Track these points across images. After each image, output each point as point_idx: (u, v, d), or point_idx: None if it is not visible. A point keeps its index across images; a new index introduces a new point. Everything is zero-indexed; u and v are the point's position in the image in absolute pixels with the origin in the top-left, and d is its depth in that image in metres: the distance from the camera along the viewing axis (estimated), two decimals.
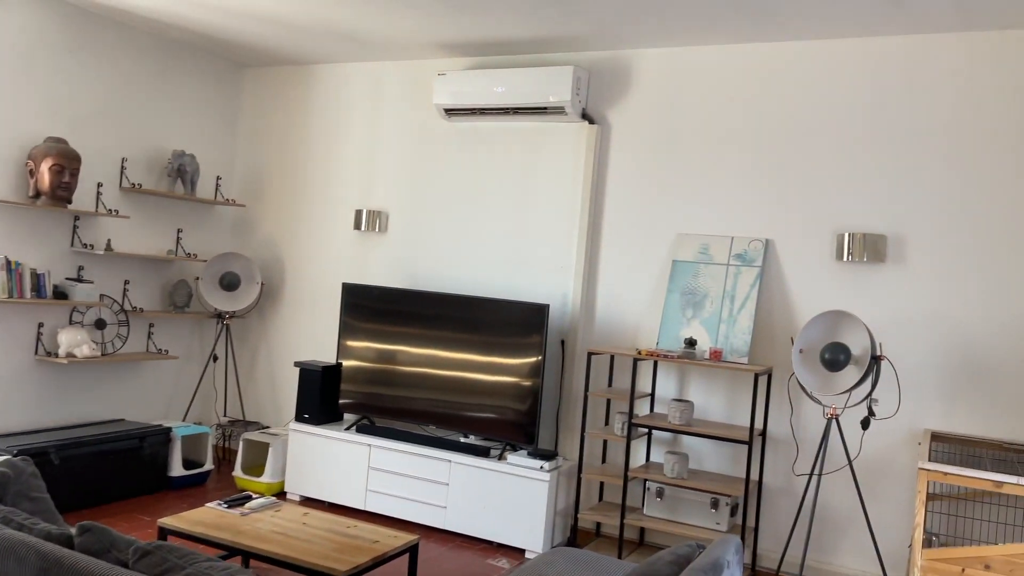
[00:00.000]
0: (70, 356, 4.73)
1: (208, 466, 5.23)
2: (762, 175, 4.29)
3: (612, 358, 4.59)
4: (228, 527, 3.39)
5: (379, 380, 4.94)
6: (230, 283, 5.53)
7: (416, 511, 4.62)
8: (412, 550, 3.45)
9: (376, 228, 5.32)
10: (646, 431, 4.43)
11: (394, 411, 4.88)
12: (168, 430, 5.02)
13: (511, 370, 4.54)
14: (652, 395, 4.48)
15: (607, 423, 4.60)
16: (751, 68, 4.34)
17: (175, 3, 4.57)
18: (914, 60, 3.97)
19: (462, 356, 4.69)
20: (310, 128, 5.69)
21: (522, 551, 4.39)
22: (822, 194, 4.15)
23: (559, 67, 4.55)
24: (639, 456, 4.50)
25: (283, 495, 5.06)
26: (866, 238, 3.99)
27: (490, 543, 4.48)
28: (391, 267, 5.32)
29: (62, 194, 4.57)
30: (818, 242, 4.16)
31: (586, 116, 4.70)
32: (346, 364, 5.05)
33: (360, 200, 5.46)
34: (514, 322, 4.53)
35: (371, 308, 4.98)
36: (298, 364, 5.09)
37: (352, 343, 5.03)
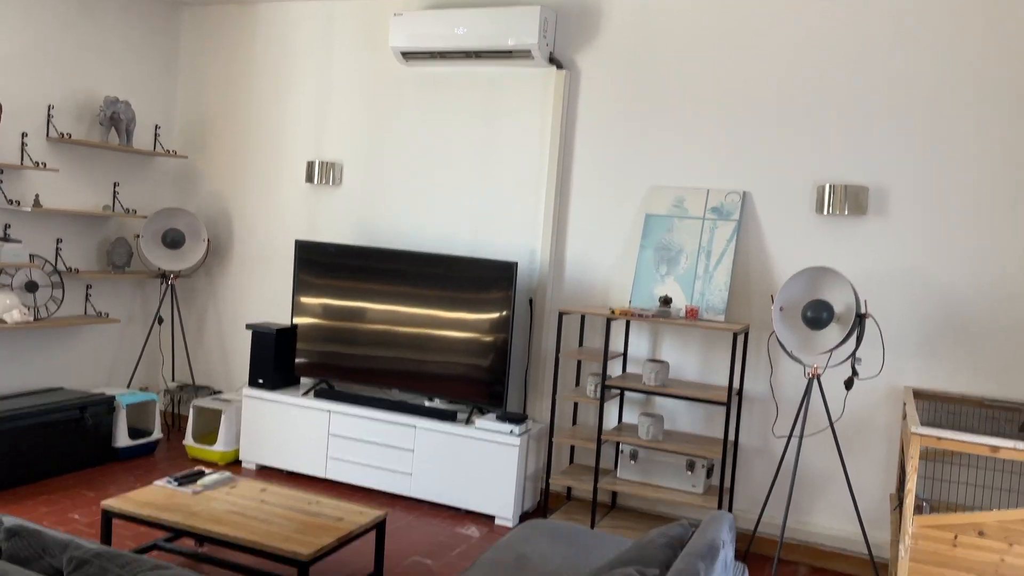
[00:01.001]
0: None
1: (156, 435, 4.95)
2: (739, 124, 4.09)
3: (583, 317, 4.40)
4: (179, 508, 3.14)
5: (337, 340, 4.68)
6: (174, 240, 5.17)
7: (380, 479, 4.43)
8: (379, 526, 3.25)
9: (330, 181, 5.00)
10: (618, 392, 4.28)
11: (354, 373, 4.64)
12: (111, 398, 4.71)
13: (477, 330, 4.32)
14: (624, 355, 4.31)
15: (578, 384, 4.44)
16: (728, 11, 4.09)
17: None
18: (898, 6, 3.77)
19: (426, 316, 4.45)
20: (256, 73, 5.29)
21: (492, 518, 4.24)
22: (802, 144, 3.97)
23: (525, 7, 4.25)
24: (611, 418, 4.36)
25: (238, 464, 4.81)
26: (847, 190, 3.83)
27: (458, 510, 4.32)
28: (346, 222, 5.02)
29: None
30: (797, 194, 3.99)
31: (554, 61, 4.42)
32: (302, 325, 4.77)
33: (312, 151, 5.12)
34: (480, 281, 4.30)
35: (327, 267, 4.69)
36: (250, 326, 4.79)
37: (307, 303, 4.75)
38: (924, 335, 3.75)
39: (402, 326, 4.52)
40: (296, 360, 4.80)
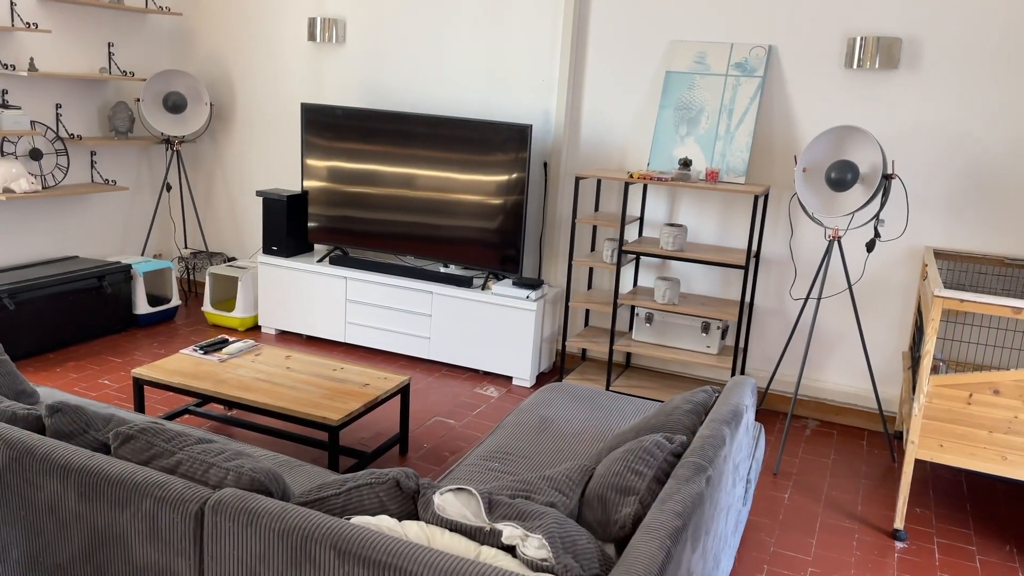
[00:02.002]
0: (7, 192, 4.30)
1: (175, 302, 5.00)
2: None
3: (599, 181, 4.32)
4: (208, 376, 3.22)
5: (350, 205, 4.63)
6: (175, 104, 5.02)
7: (399, 342, 4.51)
8: (403, 391, 3.34)
9: (333, 39, 4.78)
10: (634, 256, 4.27)
11: (368, 239, 4.63)
12: (128, 266, 4.72)
13: (491, 194, 4.26)
14: (641, 219, 4.27)
15: (593, 249, 4.42)
16: None
17: None
18: None
19: (439, 180, 4.38)
20: None
21: (509, 378, 4.35)
22: None
23: None
24: (627, 281, 4.37)
25: (258, 329, 4.89)
26: (879, 42, 3.65)
27: (476, 371, 4.43)
28: (352, 83, 4.84)
29: None
30: (826, 48, 3.80)
31: None
32: (312, 191, 4.71)
33: (313, 6, 4.86)
34: (494, 145, 4.19)
35: (336, 130, 4.57)
36: (260, 193, 4.73)
37: (316, 168, 4.67)
38: (948, 194, 3.69)
39: (415, 190, 4.45)
40: (309, 225, 4.77)
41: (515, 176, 4.18)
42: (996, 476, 3.44)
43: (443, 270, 4.49)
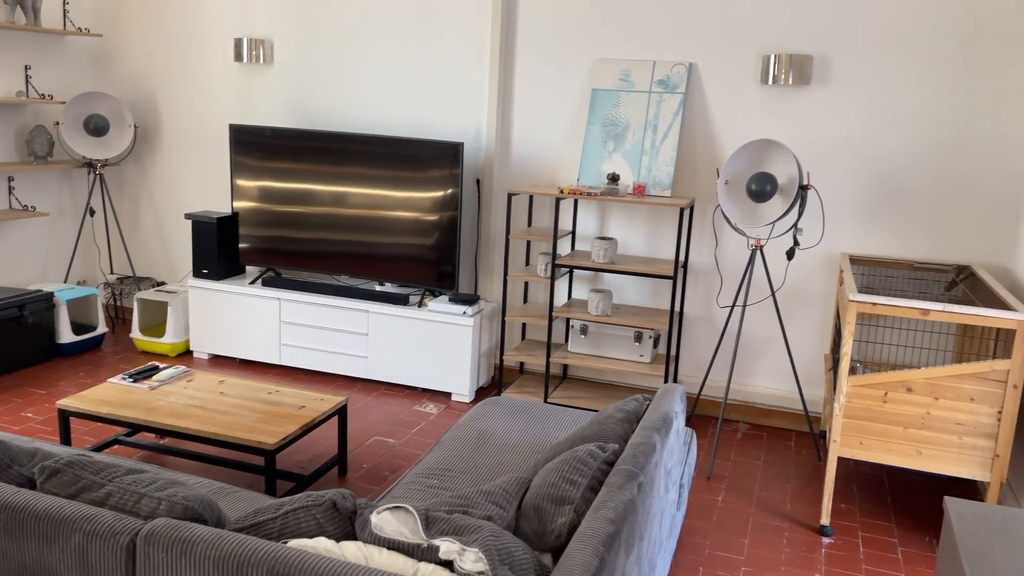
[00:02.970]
0: None
1: (101, 329, 4.87)
2: None
3: (531, 197, 4.39)
4: (137, 404, 3.15)
5: (282, 225, 4.60)
6: (97, 127, 4.90)
7: (335, 362, 4.48)
8: (341, 411, 3.33)
9: (260, 59, 4.75)
10: (567, 270, 4.35)
11: (301, 259, 4.59)
12: (50, 294, 4.58)
13: (425, 212, 4.29)
14: (573, 233, 4.35)
15: (527, 263, 4.48)
16: None
17: None
18: None
19: (372, 199, 4.38)
20: None
21: (448, 395, 4.36)
22: (747, 12, 3.91)
23: None
24: (561, 295, 4.44)
25: (189, 355, 4.80)
26: (792, 59, 3.82)
27: (415, 389, 4.43)
28: (281, 103, 4.82)
29: None
30: (743, 65, 3.96)
31: None
32: (243, 212, 4.66)
33: (239, 27, 4.82)
34: (426, 163, 4.23)
35: (266, 151, 4.53)
36: (189, 216, 4.66)
37: (247, 189, 4.62)
38: (861, 202, 3.87)
39: (348, 209, 4.44)
40: (240, 247, 4.71)
41: (448, 193, 4.22)
42: (913, 470, 3.61)
43: (379, 288, 4.49)
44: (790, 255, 3.60)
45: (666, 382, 4.00)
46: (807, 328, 4.05)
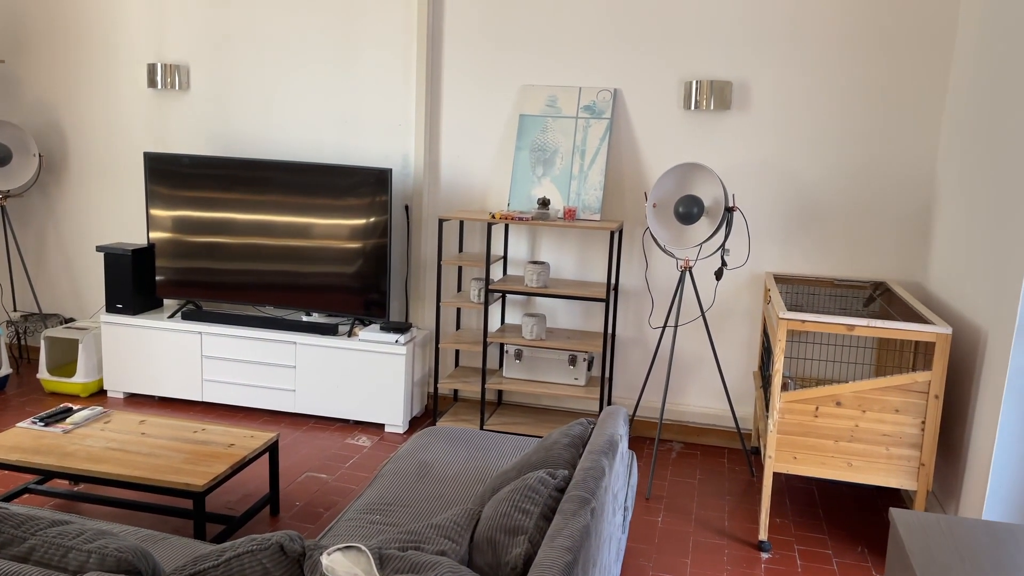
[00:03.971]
0: None
1: (5, 370, 4.57)
2: (610, 20, 4.06)
3: (462, 222, 4.36)
4: (51, 450, 2.95)
5: (201, 256, 4.43)
6: None
7: (261, 397, 4.33)
8: (272, 448, 3.20)
9: (175, 85, 4.60)
10: (500, 295, 4.33)
11: (223, 291, 4.43)
12: None
13: (353, 240, 4.21)
14: (505, 258, 4.35)
15: (459, 289, 4.45)
16: None
17: None
18: None
19: (297, 227, 4.27)
20: None
21: (381, 426, 4.26)
22: (669, 39, 4.01)
23: None
24: (495, 319, 4.42)
25: (103, 394, 4.55)
26: (712, 85, 3.94)
27: (347, 421, 4.31)
28: (198, 130, 4.66)
29: None
30: (666, 91, 4.06)
31: None
32: (160, 243, 4.47)
33: (153, 52, 4.66)
34: (354, 190, 4.15)
35: (183, 180, 4.37)
36: (101, 248, 4.44)
37: (163, 219, 4.44)
38: (781, 222, 4.00)
39: (272, 238, 4.32)
40: (157, 279, 4.51)
41: (376, 220, 4.15)
42: (850, 483, 3.72)
43: (305, 319, 4.37)
44: (718, 275, 3.68)
45: (601, 404, 4.02)
46: (735, 346, 4.14)
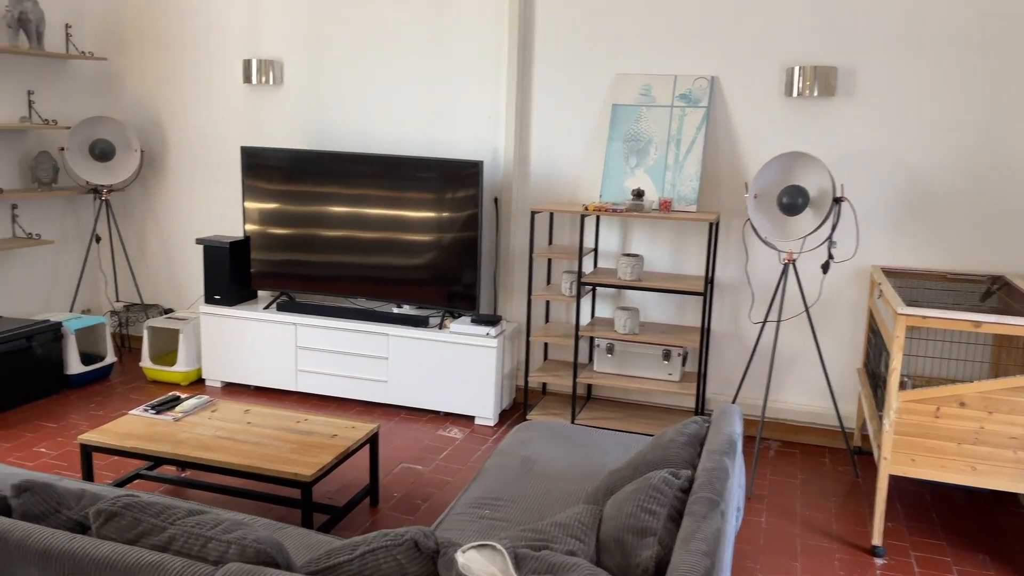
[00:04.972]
0: None
1: (110, 359, 4.74)
2: (706, 4, 3.95)
3: (551, 214, 4.32)
4: (163, 437, 3.03)
5: (296, 248, 4.50)
6: (103, 152, 4.80)
7: (354, 388, 4.37)
8: (372, 439, 3.22)
9: (270, 80, 4.67)
10: (590, 288, 4.27)
11: (316, 283, 4.49)
12: (58, 324, 4.45)
13: (444, 232, 4.21)
14: (596, 250, 4.28)
15: (549, 282, 4.40)
16: None
17: None
18: None
19: (389, 220, 4.30)
20: None
21: (472, 418, 4.26)
22: (769, 24, 3.87)
23: None
24: (585, 313, 4.36)
25: (201, 383, 4.67)
26: (816, 71, 3.78)
27: (437, 413, 4.33)
28: (291, 125, 4.73)
29: None
30: (766, 78, 3.92)
31: None
32: (255, 236, 4.55)
33: (248, 48, 4.75)
34: (444, 182, 4.15)
35: (278, 174, 4.44)
36: (201, 241, 4.55)
37: (259, 212, 4.52)
38: (890, 213, 3.83)
39: (363, 231, 4.35)
40: (252, 271, 4.60)
41: (467, 213, 4.14)
42: (964, 486, 3.54)
43: (396, 311, 4.40)
44: (825, 269, 3.54)
45: (697, 400, 3.93)
46: (837, 342, 3.99)
